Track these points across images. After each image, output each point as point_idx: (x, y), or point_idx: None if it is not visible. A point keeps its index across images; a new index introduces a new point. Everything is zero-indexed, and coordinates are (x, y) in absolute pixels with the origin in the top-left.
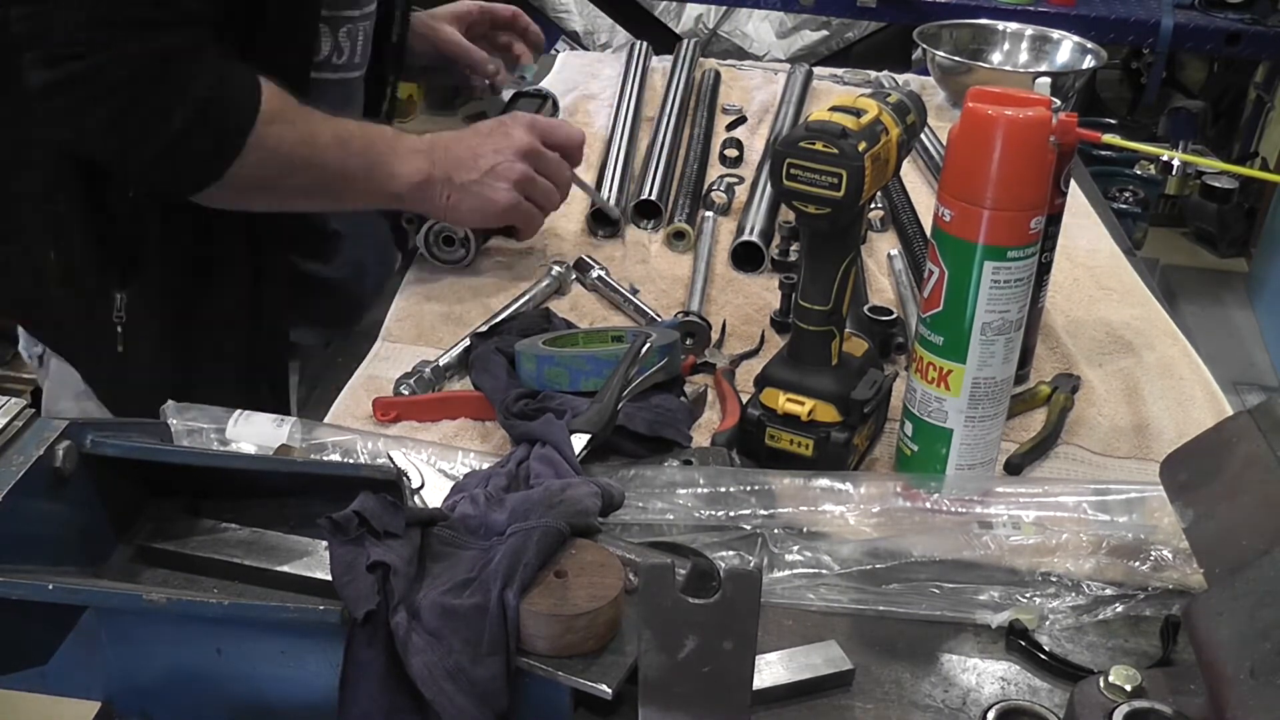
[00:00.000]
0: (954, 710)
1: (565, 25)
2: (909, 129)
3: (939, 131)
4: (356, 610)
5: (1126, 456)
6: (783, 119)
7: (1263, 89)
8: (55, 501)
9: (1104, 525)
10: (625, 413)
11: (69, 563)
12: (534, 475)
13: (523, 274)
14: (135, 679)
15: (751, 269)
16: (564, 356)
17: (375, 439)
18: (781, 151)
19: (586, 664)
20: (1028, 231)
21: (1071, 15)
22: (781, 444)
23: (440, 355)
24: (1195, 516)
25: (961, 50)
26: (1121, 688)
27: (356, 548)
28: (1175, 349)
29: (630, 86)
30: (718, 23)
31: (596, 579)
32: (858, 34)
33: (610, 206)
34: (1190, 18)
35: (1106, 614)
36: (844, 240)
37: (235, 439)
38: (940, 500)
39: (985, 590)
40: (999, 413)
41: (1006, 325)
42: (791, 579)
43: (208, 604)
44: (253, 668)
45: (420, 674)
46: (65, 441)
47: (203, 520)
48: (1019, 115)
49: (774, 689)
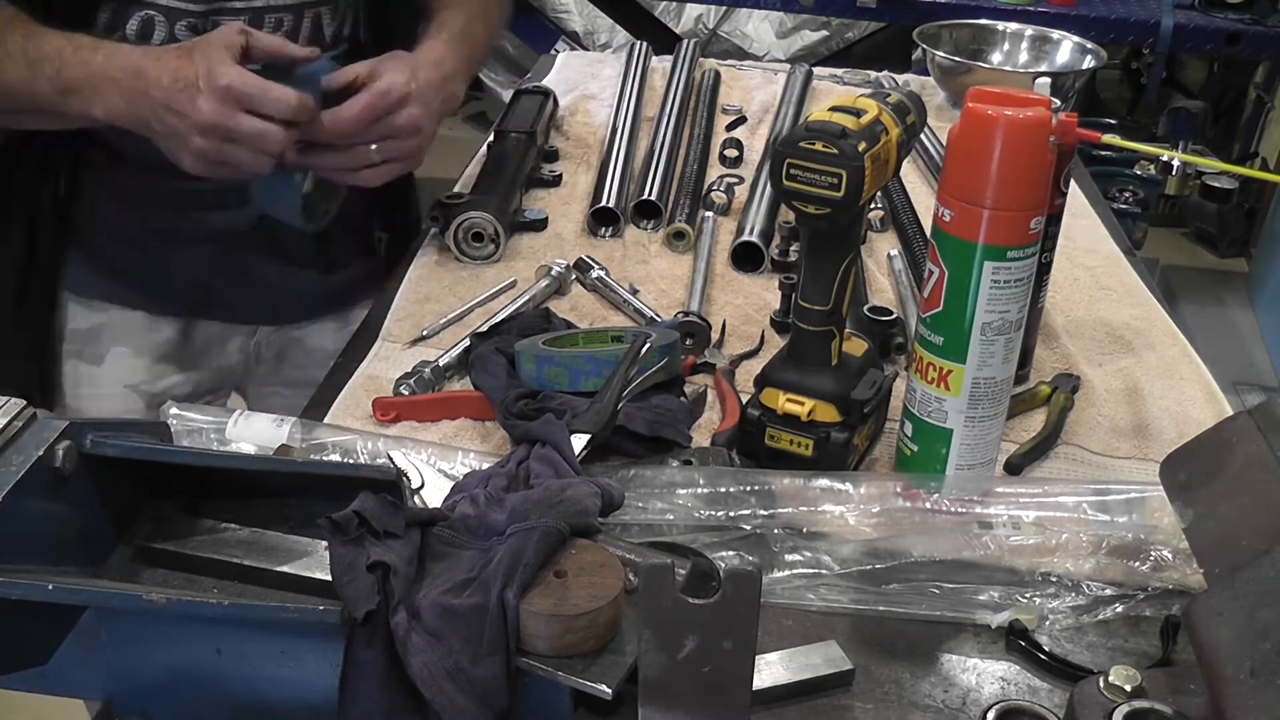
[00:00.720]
0: (954, 710)
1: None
2: (909, 129)
3: (939, 131)
4: (356, 610)
5: (1126, 456)
6: (783, 119)
7: (1263, 89)
8: (55, 501)
9: (1104, 525)
10: (625, 413)
11: (69, 563)
12: (534, 475)
13: (523, 274)
14: (135, 679)
15: (751, 269)
16: (564, 356)
17: (375, 439)
18: (781, 151)
19: (586, 664)
20: (1028, 231)
21: (1071, 15)
22: (781, 444)
23: (440, 355)
24: (1195, 516)
25: (961, 50)
26: (1121, 688)
27: (356, 548)
28: (1175, 349)
29: (630, 86)
30: (718, 23)
31: (596, 579)
32: (858, 34)
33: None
34: (1190, 18)
35: (1106, 614)
36: (844, 240)
37: (235, 439)
38: (940, 500)
39: (985, 590)
40: (999, 413)
41: (1006, 325)
42: (791, 579)
43: (208, 604)
44: (253, 668)
45: (420, 674)
46: (65, 441)
47: (203, 520)
48: (1019, 115)
49: (774, 689)
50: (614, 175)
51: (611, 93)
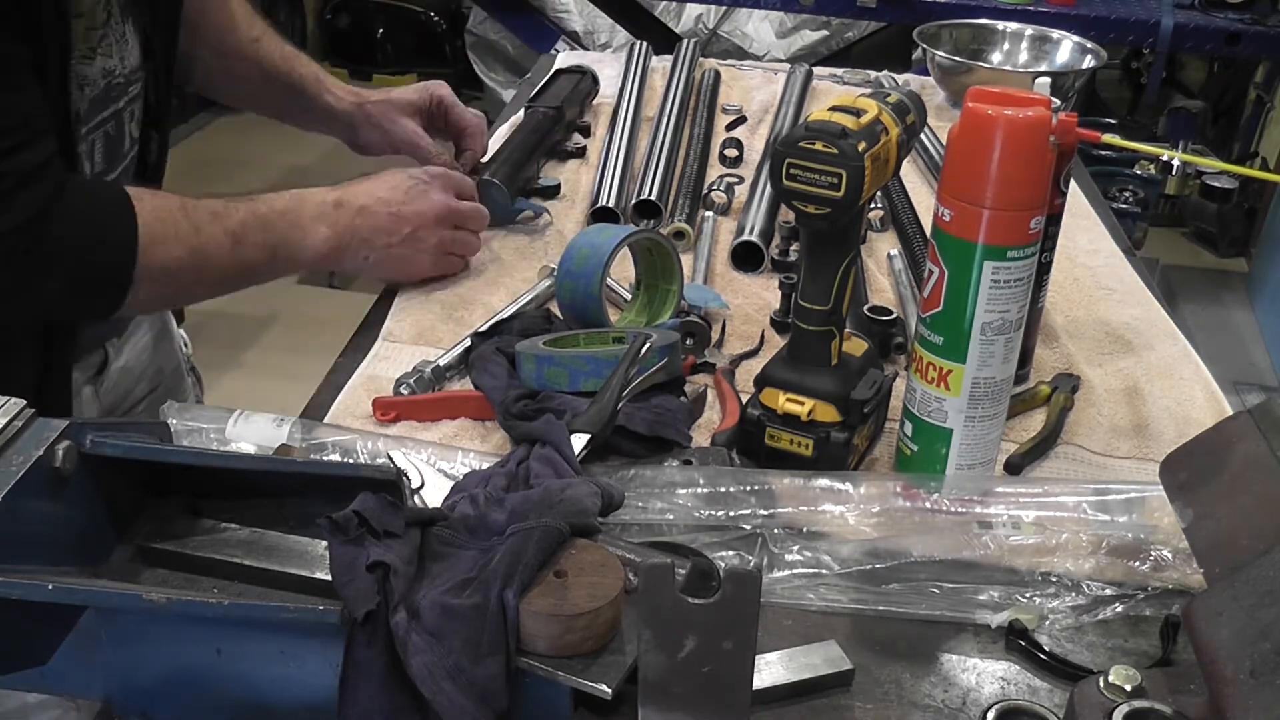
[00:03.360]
0: (954, 710)
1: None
2: (909, 129)
3: (939, 131)
4: (356, 610)
5: (1126, 456)
6: (783, 119)
7: (1263, 89)
8: (55, 501)
9: (1104, 525)
10: (625, 413)
11: (69, 563)
12: (534, 475)
13: (523, 274)
14: (135, 679)
15: (751, 269)
16: (564, 357)
17: (375, 439)
18: (781, 151)
19: (586, 664)
20: (1028, 231)
21: (1071, 15)
22: (781, 444)
23: (440, 355)
24: (1195, 516)
25: (961, 50)
26: (1121, 688)
27: (356, 548)
28: (1175, 349)
29: (630, 86)
30: (718, 23)
31: (596, 579)
32: (858, 34)
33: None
34: (1190, 18)
35: (1106, 614)
36: (844, 240)
37: (235, 439)
38: (940, 500)
39: (985, 590)
40: (999, 413)
41: (1006, 325)
42: (791, 579)
43: (208, 604)
44: (253, 668)
45: (420, 674)
46: (65, 442)
47: (203, 520)
48: (1019, 115)
49: (774, 689)
50: (614, 175)
51: (611, 93)
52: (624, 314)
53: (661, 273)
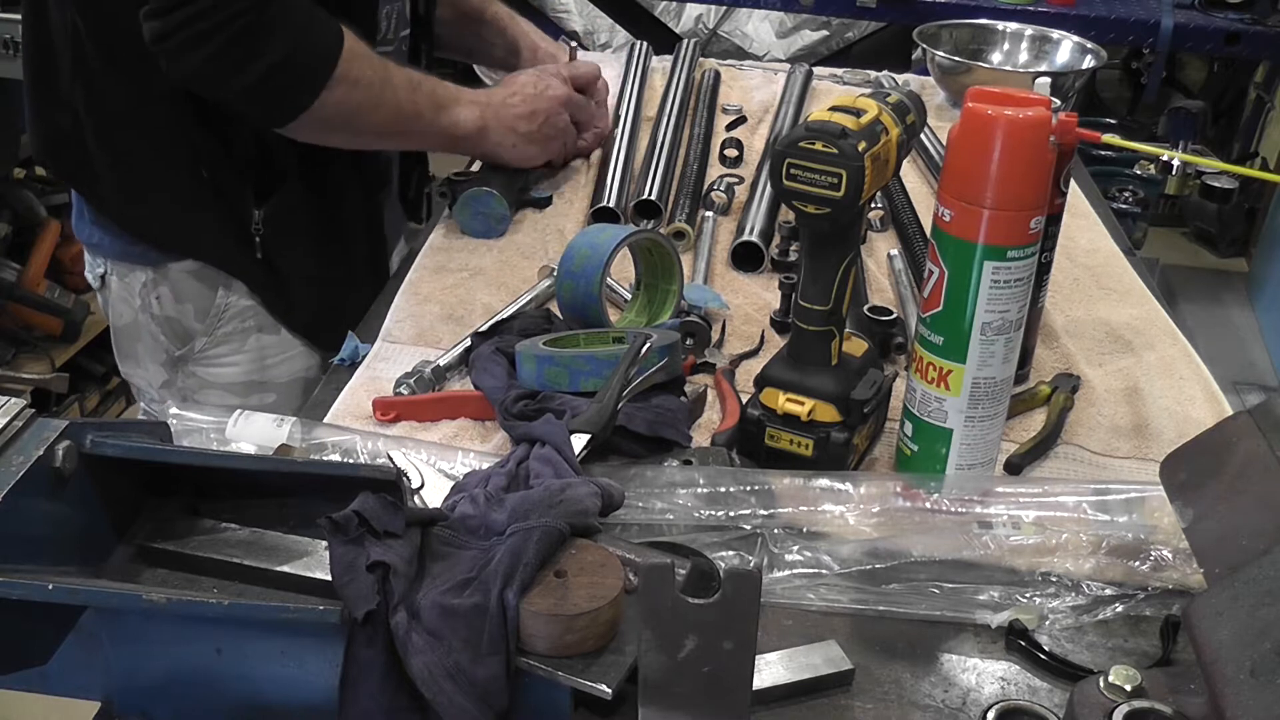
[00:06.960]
0: (954, 710)
1: (565, 25)
2: (909, 129)
3: (939, 131)
4: (356, 610)
5: (1126, 456)
6: (783, 119)
7: (1263, 89)
8: (55, 501)
9: (1104, 525)
10: (625, 413)
11: (69, 563)
12: (534, 475)
13: (523, 274)
14: (135, 679)
15: (751, 269)
16: (564, 357)
17: (375, 439)
18: (781, 151)
19: (586, 664)
20: (1028, 231)
21: (1071, 15)
22: (781, 444)
23: (440, 355)
24: (1195, 516)
25: (961, 50)
26: (1121, 688)
27: (356, 548)
28: (1175, 349)
29: (630, 86)
30: (718, 23)
31: (596, 579)
32: (858, 34)
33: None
34: (1190, 18)
35: (1106, 614)
36: (844, 240)
37: (235, 439)
38: (940, 500)
39: (985, 590)
40: (999, 413)
41: (1006, 325)
42: (791, 579)
43: (208, 604)
44: (253, 668)
45: (420, 674)
46: (65, 441)
47: (203, 520)
48: (1019, 115)
49: (774, 689)
50: (614, 175)
51: (611, 92)
52: (624, 314)
53: (661, 273)
